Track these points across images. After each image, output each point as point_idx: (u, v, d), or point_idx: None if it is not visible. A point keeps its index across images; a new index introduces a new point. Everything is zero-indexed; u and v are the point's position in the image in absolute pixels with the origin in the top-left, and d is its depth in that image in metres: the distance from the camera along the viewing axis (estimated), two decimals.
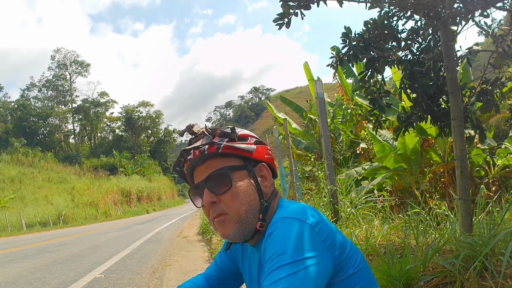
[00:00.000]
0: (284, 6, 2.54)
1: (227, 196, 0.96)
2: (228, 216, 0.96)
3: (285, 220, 0.87)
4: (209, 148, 0.96)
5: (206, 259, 5.63)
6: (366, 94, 3.10)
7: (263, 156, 1.02)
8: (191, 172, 1.03)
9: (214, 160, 0.98)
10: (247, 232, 0.97)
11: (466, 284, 1.78)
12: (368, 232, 3.26)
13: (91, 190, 35.94)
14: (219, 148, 0.96)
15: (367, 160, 6.97)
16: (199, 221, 11.11)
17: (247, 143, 1.00)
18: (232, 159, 0.98)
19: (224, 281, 1.24)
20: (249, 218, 0.96)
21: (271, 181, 1.03)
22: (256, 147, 1.01)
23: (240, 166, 0.98)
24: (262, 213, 0.97)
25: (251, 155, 1.00)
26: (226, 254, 1.23)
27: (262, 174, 1.01)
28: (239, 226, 0.96)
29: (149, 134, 69.19)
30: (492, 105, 2.76)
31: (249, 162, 1.00)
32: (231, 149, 0.97)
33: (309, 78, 9.52)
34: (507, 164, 5.44)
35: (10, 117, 58.28)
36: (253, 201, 0.97)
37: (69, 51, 69.81)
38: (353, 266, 0.91)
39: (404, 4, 2.62)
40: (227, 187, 0.96)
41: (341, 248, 0.90)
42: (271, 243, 0.85)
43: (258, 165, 1.01)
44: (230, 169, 0.97)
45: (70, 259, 6.72)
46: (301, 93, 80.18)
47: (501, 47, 2.66)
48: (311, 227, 0.85)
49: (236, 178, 0.97)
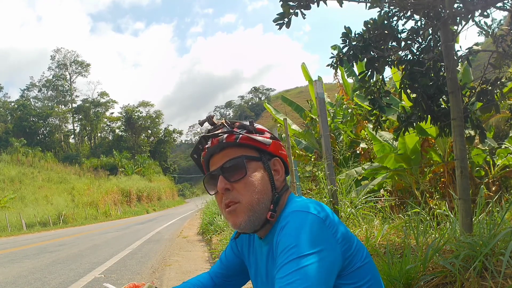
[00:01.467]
0: (284, 6, 2.54)
1: (240, 184, 0.98)
2: (240, 204, 0.98)
3: (297, 213, 0.89)
4: (227, 137, 0.99)
5: (206, 259, 5.63)
6: (366, 94, 3.10)
7: (277, 151, 1.06)
8: (207, 160, 1.06)
9: (232, 149, 1.01)
10: (257, 222, 0.99)
11: (466, 284, 1.78)
12: (368, 232, 3.26)
13: (91, 190, 35.94)
14: (238, 138, 0.99)
15: (367, 160, 6.96)
16: (199, 221, 11.11)
17: (263, 136, 1.04)
18: (249, 150, 1.01)
19: (229, 278, 1.25)
20: (260, 207, 0.98)
21: (283, 176, 1.05)
22: (271, 141, 1.04)
23: (256, 157, 1.02)
24: (273, 204, 1.00)
25: (267, 148, 1.03)
26: (232, 250, 1.24)
27: (275, 168, 1.04)
28: (250, 215, 0.98)
29: (149, 134, 69.21)
30: (492, 105, 2.76)
31: (264, 155, 1.03)
32: (249, 140, 1.00)
33: (308, 79, 9.51)
34: (507, 164, 5.43)
35: (10, 117, 58.28)
36: (266, 191, 1.00)
37: (69, 51, 69.97)
38: (360, 260, 0.94)
39: (404, 4, 2.62)
40: (241, 175, 0.98)
41: (349, 242, 0.93)
42: (284, 236, 0.87)
43: (272, 159, 1.04)
44: (246, 158, 0.99)
45: (70, 259, 6.72)
46: (301, 93, 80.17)
47: (501, 47, 2.66)
48: (322, 221, 0.88)
49: (251, 168, 1.00)
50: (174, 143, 78.53)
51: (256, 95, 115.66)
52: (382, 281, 1.02)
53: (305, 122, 9.66)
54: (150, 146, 67.44)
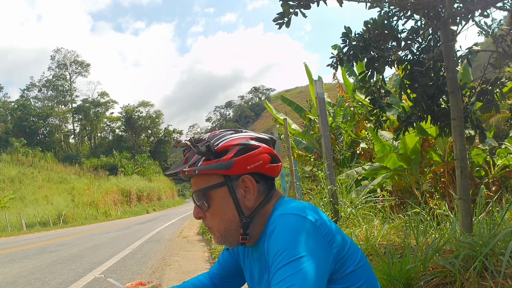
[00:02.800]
0: (284, 6, 2.54)
1: (208, 214, 1.02)
2: (213, 230, 1.04)
3: (285, 216, 0.89)
4: (188, 170, 1.00)
5: (206, 259, 5.63)
6: (366, 94, 3.10)
7: (245, 168, 0.97)
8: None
9: (197, 178, 1.02)
10: (232, 243, 1.04)
11: (466, 284, 1.78)
12: (368, 232, 3.26)
13: (91, 190, 35.92)
14: (196, 171, 0.99)
15: (368, 160, 6.96)
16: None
17: (224, 158, 0.96)
18: (212, 177, 0.99)
19: (227, 279, 1.26)
20: (230, 233, 1.02)
21: (256, 192, 0.99)
22: (234, 161, 0.96)
23: (220, 183, 0.99)
24: (243, 228, 1.00)
25: (227, 172, 0.97)
26: (228, 253, 1.24)
27: (246, 185, 0.99)
28: (223, 239, 1.03)
29: (149, 134, 69.22)
30: (492, 105, 2.76)
31: (229, 178, 0.99)
32: (206, 171, 0.98)
33: (311, 80, 9.52)
34: (507, 164, 5.43)
35: (10, 117, 58.31)
36: (231, 219, 1.00)
37: (69, 51, 70.01)
38: (353, 263, 0.92)
39: (404, 4, 2.62)
40: (206, 207, 1.01)
41: (341, 245, 0.91)
42: (273, 241, 0.86)
43: (239, 179, 0.98)
44: (208, 189, 1.00)
45: (70, 259, 6.72)
46: (301, 93, 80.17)
47: (501, 47, 2.66)
48: (311, 223, 0.86)
49: (215, 197, 1.00)
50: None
51: (256, 95, 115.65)
52: (379, 284, 1.00)
53: (305, 122, 9.67)
54: (150, 146, 67.45)
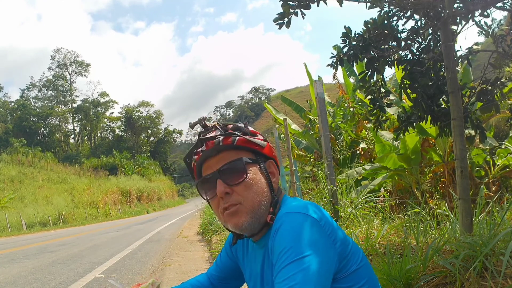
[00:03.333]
0: (284, 6, 2.54)
1: (241, 187, 0.96)
2: (241, 206, 0.96)
3: (291, 215, 0.88)
4: (224, 139, 0.97)
5: (206, 259, 5.63)
6: (366, 94, 3.10)
7: (271, 153, 1.05)
8: (200, 164, 1.02)
9: (228, 152, 0.98)
10: (257, 224, 0.98)
11: (466, 284, 1.78)
12: (368, 232, 3.26)
13: (91, 190, 35.93)
14: (235, 140, 0.97)
15: (368, 160, 6.96)
16: (199, 221, 11.10)
17: (258, 138, 1.02)
18: (246, 153, 1.00)
19: (225, 280, 1.25)
20: (261, 209, 0.97)
21: (278, 178, 1.05)
22: (266, 143, 1.03)
23: (253, 160, 1.00)
24: (273, 206, 0.99)
25: (263, 150, 1.02)
26: (226, 254, 1.23)
27: (270, 170, 1.03)
28: (252, 216, 0.96)
29: (149, 134, 69.21)
30: (492, 105, 2.76)
31: (260, 157, 1.02)
32: (246, 142, 0.98)
33: (311, 80, 9.52)
34: (507, 164, 5.43)
35: (10, 117, 58.29)
36: (266, 194, 0.99)
37: (69, 51, 70.02)
38: (355, 263, 0.93)
39: (404, 4, 2.62)
40: (242, 178, 0.96)
41: (344, 244, 0.92)
42: (279, 239, 0.86)
43: (267, 161, 1.03)
44: (245, 161, 0.98)
45: (70, 259, 6.72)
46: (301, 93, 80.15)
47: (501, 47, 2.66)
48: (316, 222, 0.86)
49: (250, 170, 0.98)
50: (174, 143, 78.53)
51: (256, 95, 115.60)
52: (379, 284, 1.01)
53: (304, 122, 9.67)
54: (150, 146, 67.44)
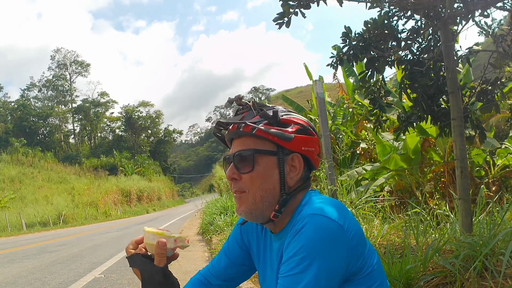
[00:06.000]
0: (284, 5, 2.54)
1: (247, 177, 0.97)
2: (245, 194, 0.98)
3: (315, 217, 0.87)
4: (244, 126, 0.98)
5: (206, 259, 5.62)
6: (366, 94, 3.10)
7: (300, 147, 0.99)
8: (230, 140, 1.05)
9: (248, 138, 0.99)
10: (259, 217, 0.98)
11: (466, 284, 1.78)
12: (368, 232, 3.26)
13: (91, 190, 35.92)
14: (254, 129, 0.96)
15: (368, 160, 6.96)
16: (199, 221, 11.10)
17: (285, 130, 0.97)
18: (266, 143, 0.98)
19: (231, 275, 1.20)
20: (263, 204, 0.97)
21: (300, 174, 1.00)
22: (294, 136, 0.97)
23: (272, 152, 0.97)
24: (280, 204, 0.97)
25: (285, 143, 0.97)
26: (236, 241, 1.19)
27: (293, 164, 0.99)
28: (252, 208, 0.97)
29: (149, 134, 69.22)
30: (492, 105, 2.76)
31: (282, 150, 0.98)
32: (265, 133, 0.97)
33: (310, 78, 9.52)
34: (507, 164, 5.44)
35: (10, 117, 58.27)
36: (272, 190, 0.97)
37: (69, 51, 70.02)
38: (371, 265, 0.92)
39: (404, 4, 2.62)
40: (248, 169, 0.97)
41: (364, 246, 0.91)
42: (296, 240, 0.85)
43: (291, 155, 0.99)
44: (257, 153, 0.97)
45: (70, 259, 6.71)
46: (301, 93, 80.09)
47: (501, 47, 2.66)
48: (340, 226, 0.85)
49: (262, 162, 0.97)
50: (174, 143, 78.52)
51: (256, 95, 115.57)
52: (390, 286, 1.01)
53: None
54: (150, 146, 67.45)
